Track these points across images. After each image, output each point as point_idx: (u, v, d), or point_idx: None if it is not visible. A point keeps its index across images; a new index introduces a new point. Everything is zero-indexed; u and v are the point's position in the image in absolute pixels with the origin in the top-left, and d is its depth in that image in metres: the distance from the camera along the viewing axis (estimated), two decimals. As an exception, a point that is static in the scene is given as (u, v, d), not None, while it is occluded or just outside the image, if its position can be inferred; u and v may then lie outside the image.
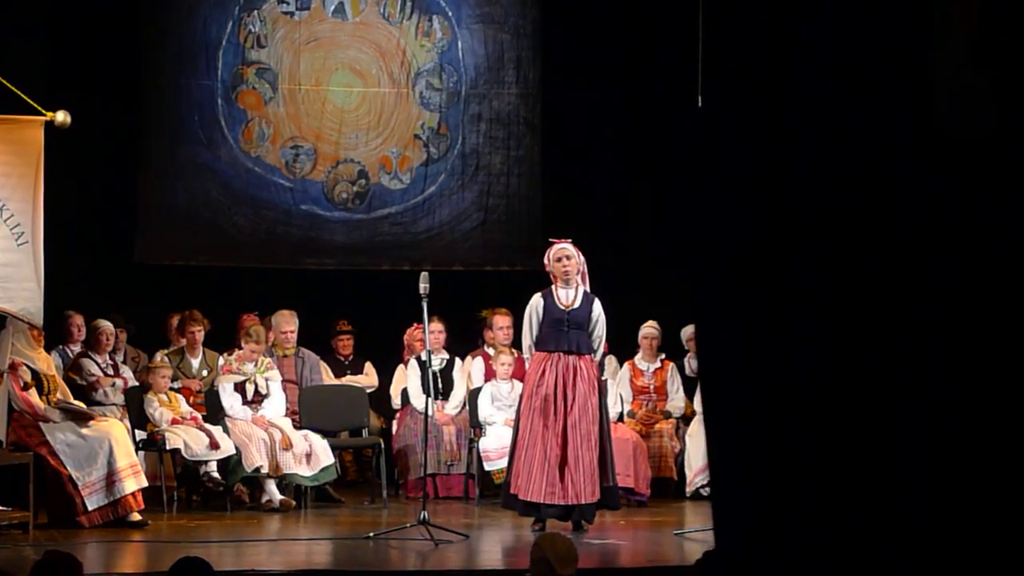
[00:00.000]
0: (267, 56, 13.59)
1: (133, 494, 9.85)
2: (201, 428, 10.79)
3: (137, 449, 10.44)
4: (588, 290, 9.89)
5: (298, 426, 11.25)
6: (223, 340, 11.87)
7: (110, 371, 11.00)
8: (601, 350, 10.00)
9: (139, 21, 13.30)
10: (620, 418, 11.87)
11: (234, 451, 10.76)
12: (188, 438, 10.68)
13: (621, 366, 12.32)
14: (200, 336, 11.73)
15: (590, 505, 9.58)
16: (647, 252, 13.64)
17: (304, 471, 10.97)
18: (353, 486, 12.40)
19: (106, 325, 11.03)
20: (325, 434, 11.27)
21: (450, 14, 13.83)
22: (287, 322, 11.91)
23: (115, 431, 9.97)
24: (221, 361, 11.38)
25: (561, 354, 9.69)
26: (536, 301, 9.83)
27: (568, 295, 9.80)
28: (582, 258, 9.87)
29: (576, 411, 9.58)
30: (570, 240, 9.88)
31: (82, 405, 10.22)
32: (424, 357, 10.29)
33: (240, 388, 11.17)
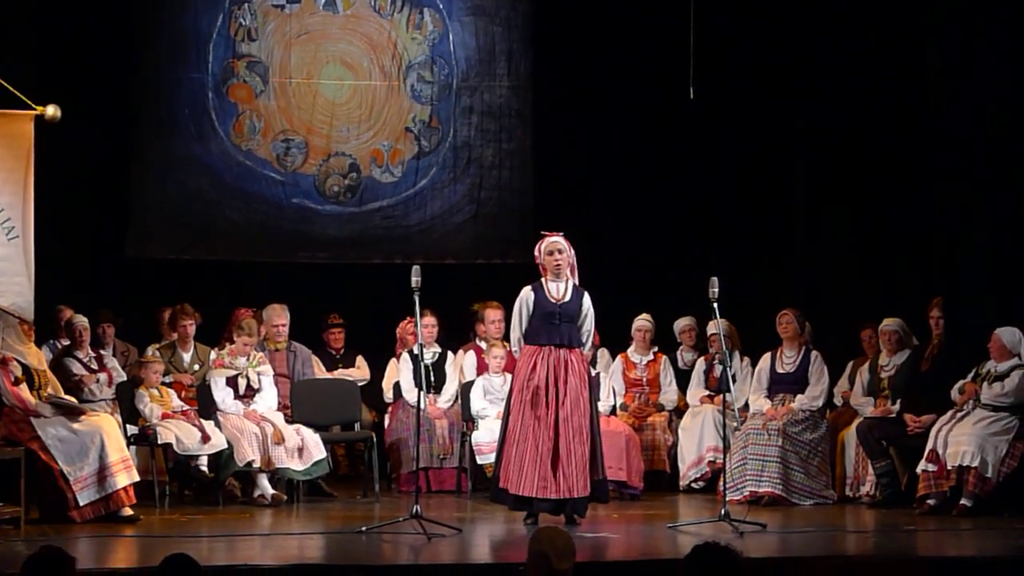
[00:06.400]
0: (258, 49, 13.56)
1: (125, 489, 9.82)
2: (193, 423, 10.77)
3: (128, 444, 10.41)
4: (577, 283, 9.84)
5: (290, 420, 11.23)
6: (215, 334, 11.84)
7: (94, 365, 10.94)
8: (589, 344, 9.95)
9: (129, 14, 13.27)
10: (613, 411, 11.85)
11: (226, 445, 10.74)
12: (180, 433, 10.65)
13: (614, 359, 12.29)
14: (191, 330, 11.71)
15: (582, 499, 9.55)
16: (639, 245, 13.64)
17: (296, 465, 10.96)
18: (345, 480, 12.38)
19: (80, 320, 10.97)
20: (317, 428, 11.25)
21: (441, 7, 13.80)
22: (278, 316, 11.89)
23: (106, 426, 9.93)
24: (213, 355, 11.36)
25: (552, 347, 9.64)
26: (526, 294, 9.78)
27: (559, 288, 9.75)
28: (572, 252, 9.83)
29: (568, 405, 9.53)
30: (562, 233, 9.84)
31: (73, 400, 10.18)
32: (416, 351, 10.27)
33: (232, 382, 11.14)
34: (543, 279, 9.80)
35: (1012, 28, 10.71)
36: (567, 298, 9.72)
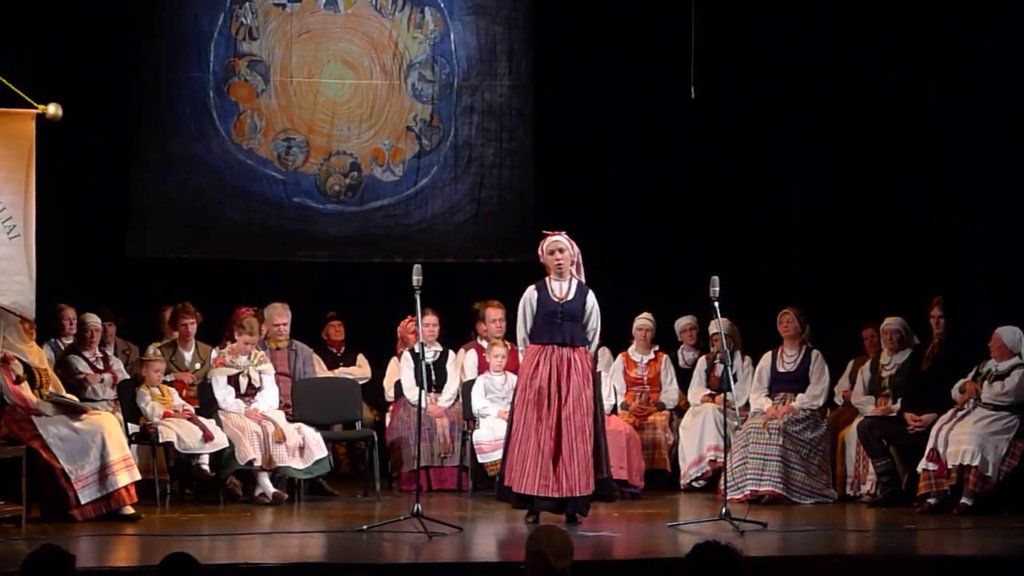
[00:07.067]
0: (259, 48, 13.56)
1: (126, 487, 9.82)
2: (194, 421, 10.77)
3: (130, 442, 10.41)
4: (583, 281, 9.85)
5: (291, 419, 11.23)
6: (216, 333, 11.84)
7: (100, 365, 10.96)
8: (596, 342, 9.95)
9: (129, 14, 13.27)
10: (614, 410, 11.86)
11: (227, 444, 10.74)
12: (181, 431, 10.65)
13: (615, 358, 12.30)
14: (193, 329, 11.71)
15: (584, 498, 9.55)
16: (639, 244, 13.64)
17: (297, 464, 10.96)
18: (346, 479, 12.38)
19: (92, 320, 10.99)
20: (318, 427, 11.26)
21: (442, 6, 13.81)
22: (280, 315, 11.89)
23: (107, 424, 9.93)
24: (214, 354, 11.36)
25: (555, 346, 9.65)
26: (530, 294, 9.79)
27: (562, 287, 9.76)
28: (576, 249, 9.83)
29: (571, 403, 9.54)
30: (564, 232, 9.84)
31: (74, 398, 10.19)
32: (417, 349, 10.26)
33: (233, 381, 11.14)
34: (547, 278, 9.81)
35: (1012, 28, 10.71)
36: (570, 297, 9.73)
